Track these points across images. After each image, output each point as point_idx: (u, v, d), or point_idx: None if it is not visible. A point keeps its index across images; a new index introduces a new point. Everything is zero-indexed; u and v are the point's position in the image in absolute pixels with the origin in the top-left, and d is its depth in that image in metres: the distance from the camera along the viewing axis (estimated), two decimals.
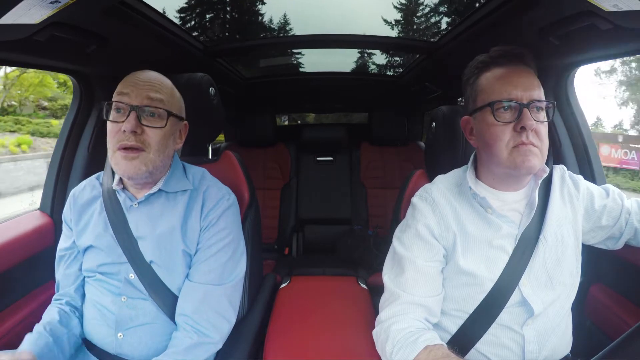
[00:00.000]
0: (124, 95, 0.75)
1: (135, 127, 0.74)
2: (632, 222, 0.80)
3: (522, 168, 0.70)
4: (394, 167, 2.30)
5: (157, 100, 0.77)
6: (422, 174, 1.03)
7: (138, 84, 0.76)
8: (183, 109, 0.86)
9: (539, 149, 0.70)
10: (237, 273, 0.84)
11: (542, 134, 0.71)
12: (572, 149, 1.17)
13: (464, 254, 0.75)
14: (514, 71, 0.72)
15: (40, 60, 1.00)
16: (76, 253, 0.86)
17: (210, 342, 0.77)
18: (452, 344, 0.73)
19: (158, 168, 0.79)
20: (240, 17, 4.01)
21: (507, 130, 0.70)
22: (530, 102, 0.69)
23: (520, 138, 0.69)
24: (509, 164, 0.71)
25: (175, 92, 0.83)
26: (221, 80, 1.78)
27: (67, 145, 1.24)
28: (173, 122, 0.80)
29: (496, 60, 0.73)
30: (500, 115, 0.70)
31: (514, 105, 0.70)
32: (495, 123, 0.71)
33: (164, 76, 0.82)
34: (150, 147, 0.76)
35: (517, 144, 0.69)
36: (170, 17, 1.11)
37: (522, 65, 0.72)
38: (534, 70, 0.73)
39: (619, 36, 0.79)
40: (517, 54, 0.72)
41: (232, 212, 0.86)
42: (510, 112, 0.70)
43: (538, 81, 0.72)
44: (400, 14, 7.15)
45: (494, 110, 0.71)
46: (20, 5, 0.61)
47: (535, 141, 0.69)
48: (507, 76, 0.71)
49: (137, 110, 0.74)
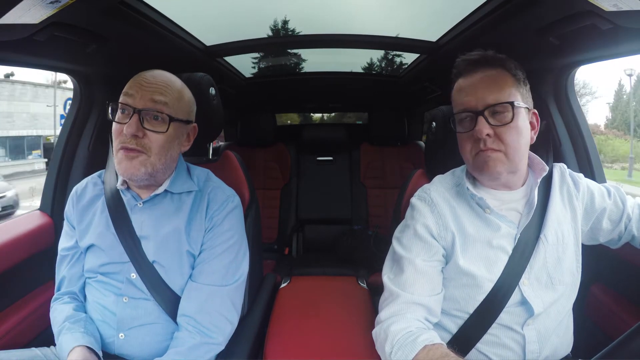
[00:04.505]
0: (128, 97, 0.75)
1: (136, 131, 0.73)
2: (631, 229, 0.80)
3: (484, 174, 0.74)
4: (394, 167, 2.29)
5: (161, 103, 0.76)
6: (422, 174, 1.03)
7: (143, 85, 0.76)
8: (192, 112, 0.84)
9: (503, 152, 0.71)
10: (239, 274, 0.84)
11: (505, 137, 0.71)
12: (572, 148, 1.17)
13: (464, 254, 0.75)
14: (474, 78, 0.74)
15: (40, 60, 1.00)
16: (79, 253, 0.85)
17: (214, 343, 0.77)
18: (452, 343, 0.73)
19: (159, 171, 0.78)
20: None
21: (470, 138, 0.74)
22: (484, 109, 0.71)
23: (479, 145, 0.72)
24: (474, 170, 0.76)
25: (184, 94, 0.81)
26: (221, 80, 1.77)
27: (67, 145, 1.24)
28: (176, 126, 0.79)
29: (460, 70, 0.77)
30: (461, 126, 0.75)
31: (470, 114, 0.73)
32: (459, 132, 0.76)
33: (173, 76, 0.81)
34: (151, 150, 0.76)
35: (477, 151, 0.73)
36: (170, 17, 1.11)
37: (487, 69, 0.74)
38: (502, 69, 0.73)
39: (619, 36, 0.79)
40: (476, 59, 0.75)
41: (237, 214, 0.86)
42: (468, 121, 0.74)
43: (501, 84, 0.72)
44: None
45: (455, 122, 0.76)
46: (20, 5, 0.61)
47: (495, 146, 0.71)
48: (464, 86, 0.75)
49: (140, 113, 0.74)
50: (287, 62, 2.03)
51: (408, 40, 1.45)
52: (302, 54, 1.86)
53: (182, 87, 0.82)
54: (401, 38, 1.45)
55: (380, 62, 1.99)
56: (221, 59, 1.63)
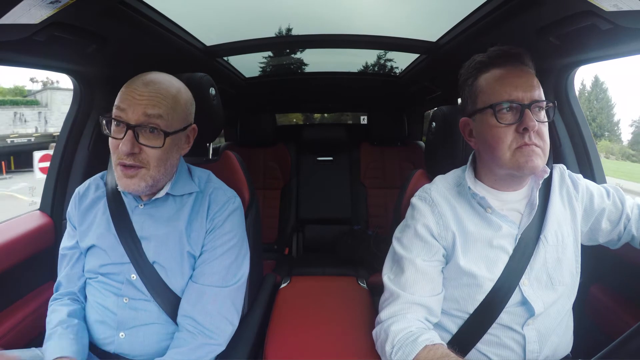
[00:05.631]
0: (121, 111, 0.72)
1: (131, 149, 0.72)
2: (631, 229, 0.80)
3: (525, 169, 0.70)
4: (394, 167, 2.30)
5: (155, 116, 0.73)
6: (423, 174, 1.03)
7: (135, 98, 0.72)
8: (190, 114, 0.82)
9: (542, 149, 0.70)
10: (240, 275, 0.84)
11: (543, 134, 0.71)
12: (572, 149, 1.17)
13: (464, 254, 0.75)
14: (513, 71, 0.71)
15: (40, 60, 1.00)
16: (79, 253, 0.86)
17: (214, 344, 0.77)
18: (452, 343, 0.73)
19: (160, 180, 0.78)
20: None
21: (510, 131, 0.70)
22: (531, 103, 0.69)
23: (523, 139, 0.69)
24: (512, 165, 0.71)
25: (179, 99, 0.77)
26: (221, 80, 1.77)
27: (67, 145, 1.25)
28: (173, 137, 0.77)
29: (494, 60, 0.73)
30: (502, 117, 0.70)
31: (516, 106, 0.69)
32: (497, 125, 0.70)
33: (167, 80, 0.77)
34: (149, 164, 0.74)
35: (520, 145, 0.69)
36: (170, 17, 1.11)
37: (521, 65, 0.72)
38: (532, 69, 0.73)
39: (619, 36, 0.79)
40: (515, 53, 0.72)
41: (238, 215, 0.86)
42: (511, 113, 0.70)
43: (537, 81, 0.72)
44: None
45: (495, 112, 0.70)
46: (20, 5, 0.61)
47: (537, 141, 0.69)
48: (507, 77, 0.71)
49: (134, 129, 0.72)
50: (287, 62, 2.03)
51: (408, 40, 1.45)
52: (302, 54, 1.86)
53: (177, 91, 0.78)
54: (401, 38, 1.45)
55: (373, 67, 2.00)
56: (221, 59, 1.63)
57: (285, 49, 1.80)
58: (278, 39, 1.53)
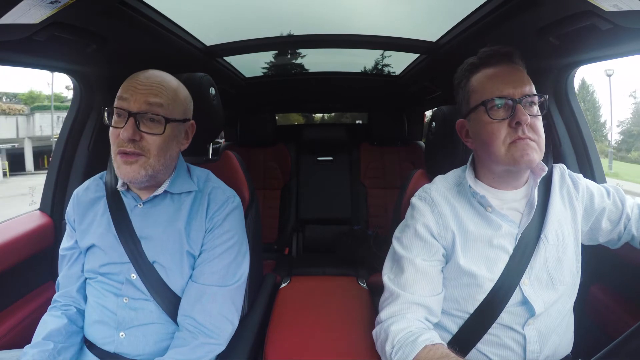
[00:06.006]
0: (123, 101, 0.75)
1: (132, 135, 0.73)
2: (631, 228, 0.80)
3: (521, 163, 0.70)
4: (394, 167, 2.30)
5: (156, 105, 0.75)
6: (423, 174, 1.03)
7: (137, 88, 0.75)
8: (189, 109, 0.84)
9: (536, 142, 0.71)
10: (240, 275, 0.84)
11: (537, 128, 0.71)
12: (572, 149, 1.17)
13: (464, 254, 0.75)
14: (504, 69, 0.73)
15: (40, 60, 1.00)
16: (78, 253, 0.86)
17: (214, 343, 0.77)
18: (453, 343, 0.73)
19: (159, 171, 0.78)
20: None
21: (503, 127, 0.71)
22: (522, 97, 0.70)
23: (517, 133, 0.70)
24: (507, 160, 0.71)
25: (179, 92, 0.81)
26: (221, 80, 1.77)
27: (67, 145, 1.25)
28: (173, 126, 0.79)
29: (485, 60, 0.75)
30: (494, 113, 0.72)
31: (507, 101, 0.71)
32: (490, 121, 0.72)
33: (167, 75, 0.80)
34: (149, 152, 0.76)
35: (514, 139, 0.70)
36: (170, 17, 1.11)
37: (511, 63, 0.74)
38: (523, 67, 0.74)
39: (619, 36, 0.79)
40: (505, 52, 0.74)
41: (237, 214, 0.86)
42: (503, 109, 0.71)
43: (528, 77, 0.73)
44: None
45: (487, 109, 0.72)
46: (20, 5, 0.61)
47: (531, 135, 0.70)
48: (497, 75, 0.73)
49: (135, 116, 0.74)
50: (287, 62, 2.03)
51: (408, 40, 1.45)
52: (302, 54, 1.86)
53: (177, 85, 0.81)
54: (401, 38, 1.45)
55: (373, 67, 2.00)
56: (221, 59, 1.63)
57: (285, 49, 1.80)
58: (278, 38, 1.53)
